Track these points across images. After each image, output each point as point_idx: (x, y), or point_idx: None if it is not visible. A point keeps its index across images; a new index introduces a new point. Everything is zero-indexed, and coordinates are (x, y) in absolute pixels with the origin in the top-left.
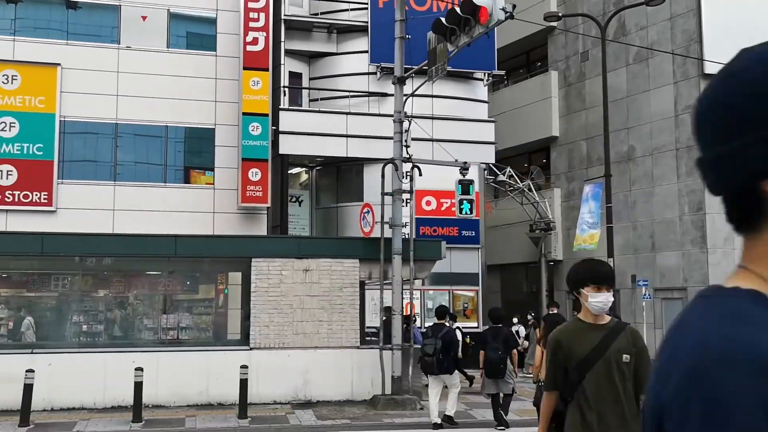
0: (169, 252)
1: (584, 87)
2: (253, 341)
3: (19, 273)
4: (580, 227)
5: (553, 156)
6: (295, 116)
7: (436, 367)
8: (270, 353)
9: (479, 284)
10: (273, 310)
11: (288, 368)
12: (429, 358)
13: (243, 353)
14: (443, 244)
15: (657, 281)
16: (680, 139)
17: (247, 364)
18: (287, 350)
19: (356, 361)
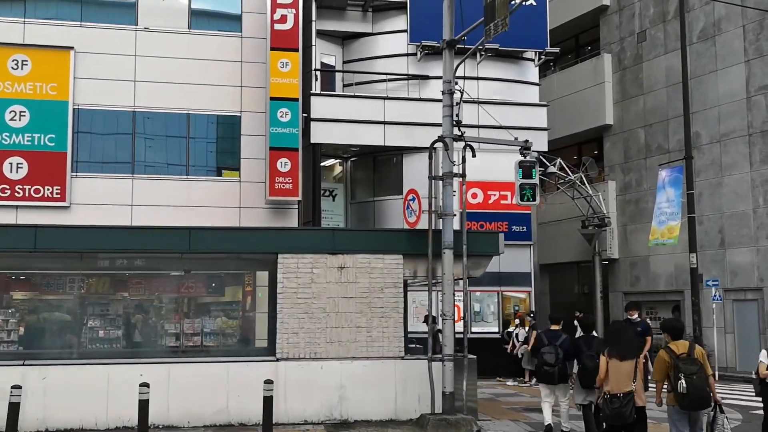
0: (182, 247)
1: (641, 70)
2: (280, 351)
3: (11, 272)
4: (657, 218)
5: (607, 146)
6: (328, 102)
7: (558, 377)
8: (299, 365)
9: (531, 285)
10: (303, 315)
11: (321, 382)
12: (551, 368)
13: (268, 365)
14: (501, 237)
15: (727, 281)
16: (753, 123)
17: (272, 377)
18: (320, 361)
19: (400, 374)
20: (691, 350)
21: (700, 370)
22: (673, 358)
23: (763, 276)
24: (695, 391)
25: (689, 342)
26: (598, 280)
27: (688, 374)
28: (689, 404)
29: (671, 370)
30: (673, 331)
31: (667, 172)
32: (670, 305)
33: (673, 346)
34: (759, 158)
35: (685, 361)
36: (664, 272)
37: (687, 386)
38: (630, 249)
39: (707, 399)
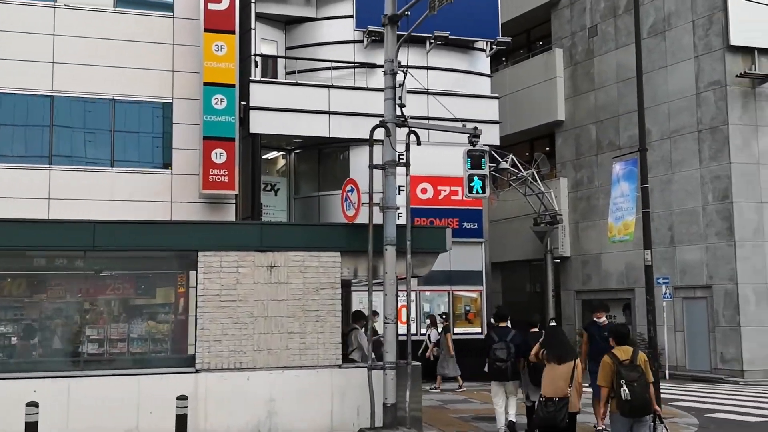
0: (84, 244)
1: (592, 65)
2: (200, 361)
3: None
4: (613, 214)
5: (559, 142)
6: (269, 90)
7: (510, 373)
8: (223, 376)
9: (483, 284)
10: (227, 320)
11: (247, 396)
12: (503, 363)
13: (186, 377)
14: (449, 233)
15: (677, 279)
16: (702, 119)
17: (191, 391)
18: (246, 372)
19: (338, 384)
20: (633, 357)
21: (642, 377)
22: (616, 364)
23: (712, 274)
24: (636, 399)
25: (632, 348)
26: (550, 279)
27: (630, 381)
28: (630, 411)
29: (614, 377)
30: (618, 336)
31: (621, 166)
32: (622, 304)
33: (617, 352)
34: (708, 155)
35: (628, 367)
36: (616, 270)
37: (629, 393)
38: (582, 247)
39: (648, 406)
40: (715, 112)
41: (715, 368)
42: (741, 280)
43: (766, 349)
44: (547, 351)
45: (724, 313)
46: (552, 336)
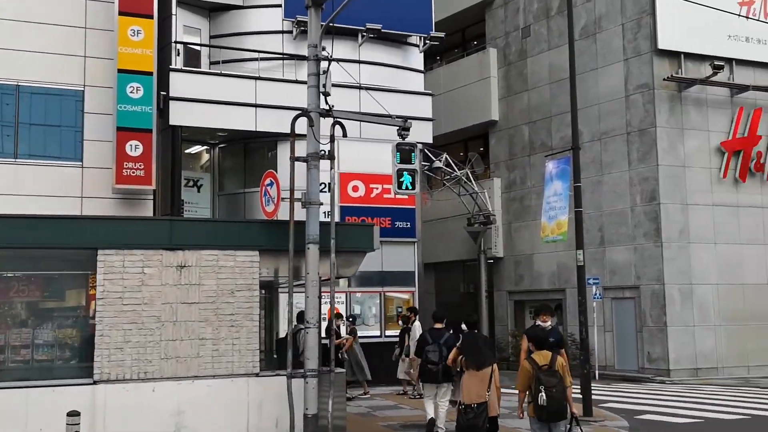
0: None
1: (526, 66)
2: (99, 371)
3: None
4: (546, 214)
5: (493, 142)
6: (191, 79)
7: (441, 375)
8: (125, 388)
9: (415, 284)
10: (130, 326)
11: (153, 409)
12: (434, 366)
13: (83, 390)
14: (377, 231)
15: (607, 279)
16: (631, 122)
17: (87, 405)
18: (152, 383)
19: (255, 394)
20: (552, 362)
21: (560, 383)
22: (535, 370)
23: (640, 274)
24: (553, 404)
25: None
26: (483, 279)
27: (549, 386)
28: (547, 416)
29: (533, 382)
30: (537, 340)
31: (554, 164)
32: (553, 304)
33: (536, 357)
34: (637, 157)
35: (546, 372)
36: (548, 271)
37: (547, 398)
38: (514, 247)
39: (564, 411)
40: (644, 115)
41: (642, 368)
42: (667, 281)
43: (690, 349)
44: (465, 357)
45: (651, 313)
46: (470, 342)
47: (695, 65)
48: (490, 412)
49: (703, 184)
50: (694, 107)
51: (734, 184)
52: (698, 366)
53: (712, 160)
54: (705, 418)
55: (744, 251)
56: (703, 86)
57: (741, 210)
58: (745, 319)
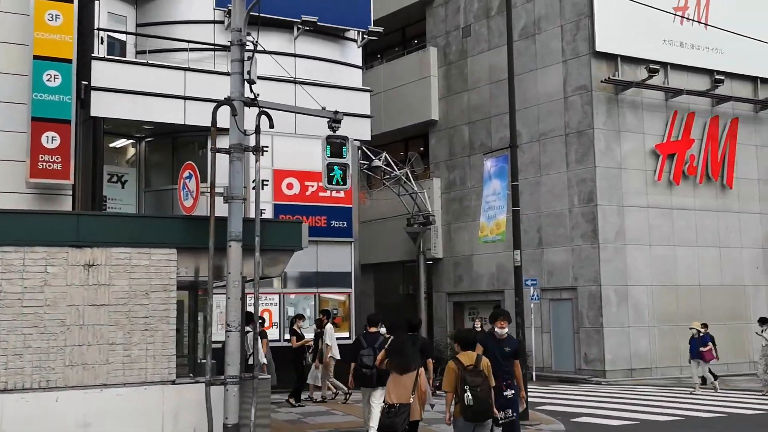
0: None
1: (466, 66)
2: None
3: None
4: (486, 213)
5: (432, 142)
6: (115, 69)
7: (376, 379)
8: (24, 398)
9: (352, 285)
10: (31, 330)
11: (56, 420)
12: (368, 370)
13: None
14: (305, 228)
15: (545, 281)
16: (570, 123)
17: None
18: (55, 392)
19: (171, 403)
20: (477, 362)
21: (485, 382)
22: (461, 370)
23: (578, 275)
24: (479, 404)
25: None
26: (422, 281)
27: (473, 386)
28: (473, 416)
29: (458, 382)
30: (463, 341)
31: (492, 163)
32: (492, 305)
33: (462, 357)
34: (575, 158)
35: (472, 372)
36: (487, 272)
37: (472, 398)
38: (454, 248)
39: (490, 411)
40: (582, 117)
41: (579, 369)
42: (604, 282)
43: (625, 349)
44: (390, 360)
45: (588, 314)
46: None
47: (632, 68)
48: (413, 415)
49: (638, 186)
50: (630, 110)
51: (668, 186)
52: (633, 366)
53: (648, 162)
54: (640, 420)
55: (677, 253)
56: (639, 89)
57: (675, 212)
58: (677, 319)
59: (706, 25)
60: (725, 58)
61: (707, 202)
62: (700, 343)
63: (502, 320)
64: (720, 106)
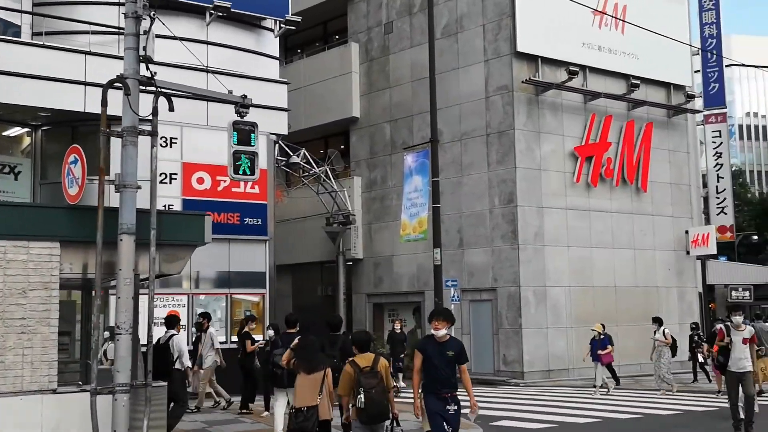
0: None
1: (388, 62)
2: None
3: None
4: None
5: (353, 140)
6: (6, 50)
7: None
8: None
9: (266, 286)
10: None
11: None
12: (279, 370)
13: None
14: (208, 221)
15: (465, 281)
16: (491, 123)
17: None
18: None
19: (50, 414)
20: (375, 363)
21: (380, 384)
22: (357, 372)
23: (497, 276)
24: (372, 406)
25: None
26: (341, 282)
27: (368, 388)
28: (367, 418)
29: (354, 384)
30: (360, 343)
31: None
32: (412, 307)
33: (359, 360)
34: (495, 159)
35: (367, 374)
36: (407, 273)
37: (365, 400)
38: (374, 249)
39: (385, 412)
40: (503, 117)
41: (498, 370)
42: (523, 283)
43: (543, 350)
44: (297, 360)
45: (507, 315)
46: (303, 345)
47: (552, 70)
48: (321, 415)
49: (557, 187)
50: (550, 111)
51: (586, 188)
52: (551, 368)
53: (567, 164)
54: (559, 423)
55: (594, 255)
56: (559, 91)
57: (592, 214)
58: (594, 320)
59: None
60: (640, 63)
61: (623, 205)
62: (600, 345)
63: (438, 320)
64: (635, 110)
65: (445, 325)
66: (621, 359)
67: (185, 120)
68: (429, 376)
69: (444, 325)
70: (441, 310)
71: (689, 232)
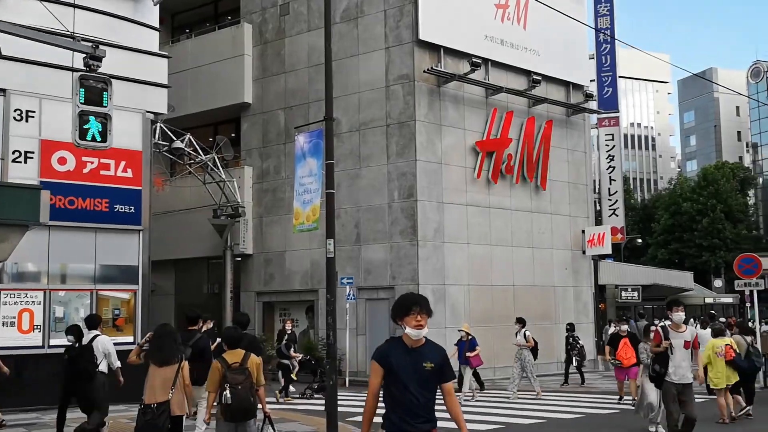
0: None
1: (283, 46)
2: None
3: None
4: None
5: (245, 127)
6: None
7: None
8: None
9: (139, 282)
10: None
11: None
12: None
13: None
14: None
15: (362, 279)
16: (391, 113)
17: None
18: None
19: None
20: (244, 360)
21: (247, 380)
22: (224, 368)
23: (396, 274)
24: (238, 402)
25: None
26: (228, 279)
27: (234, 384)
28: (231, 415)
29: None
30: (229, 340)
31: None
32: (305, 306)
33: (228, 356)
34: (395, 150)
35: (235, 371)
36: (300, 269)
37: (231, 396)
38: (265, 243)
39: (251, 409)
40: (403, 107)
41: None
42: (422, 281)
43: None
44: (148, 351)
45: None
46: (159, 334)
47: (454, 61)
48: (175, 410)
49: (458, 183)
50: (452, 104)
51: (487, 185)
52: None
53: (468, 159)
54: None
55: (493, 253)
56: (461, 83)
57: (492, 211)
58: (492, 320)
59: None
60: (541, 60)
61: (522, 203)
62: (468, 347)
63: (417, 313)
64: (536, 107)
65: (426, 320)
66: None
67: (45, 91)
68: (394, 401)
69: (425, 320)
70: (417, 298)
71: (585, 231)
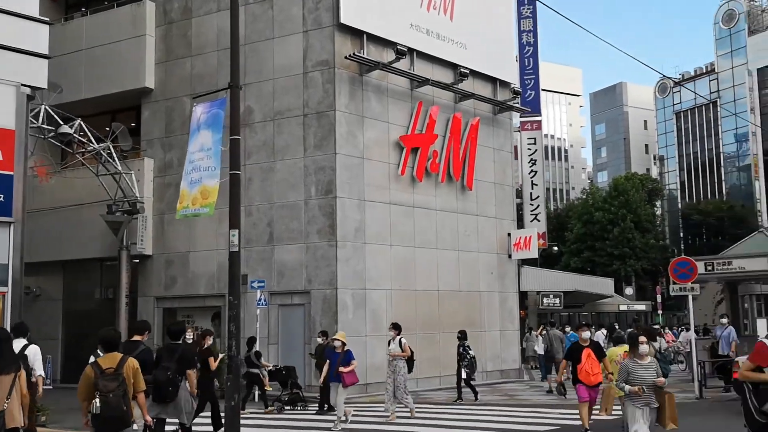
0: None
1: (190, 27)
2: None
3: None
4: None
5: (146, 115)
6: None
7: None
8: None
9: (8, 283)
10: None
11: None
12: None
13: None
14: None
15: (274, 283)
16: (309, 102)
17: None
18: None
19: None
20: (120, 365)
21: (121, 387)
22: (97, 374)
23: (312, 277)
24: (108, 410)
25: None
26: (124, 282)
27: (105, 392)
28: (101, 425)
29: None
30: (106, 343)
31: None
32: (211, 312)
33: (102, 361)
34: (314, 142)
35: (108, 377)
36: (206, 273)
37: (100, 406)
38: (167, 244)
39: (123, 419)
40: (323, 96)
41: (310, 385)
42: (341, 285)
43: (360, 361)
44: None
45: (321, 321)
46: None
47: (378, 49)
48: (12, 422)
49: (381, 179)
50: (375, 95)
51: (411, 182)
52: (369, 381)
53: (391, 154)
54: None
55: (417, 255)
56: (385, 73)
57: (417, 211)
58: (416, 327)
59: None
60: (468, 54)
61: (448, 203)
62: (343, 360)
63: None
64: (463, 103)
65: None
66: (443, 370)
67: None
68: None
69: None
70: None
71: (511, 234)
